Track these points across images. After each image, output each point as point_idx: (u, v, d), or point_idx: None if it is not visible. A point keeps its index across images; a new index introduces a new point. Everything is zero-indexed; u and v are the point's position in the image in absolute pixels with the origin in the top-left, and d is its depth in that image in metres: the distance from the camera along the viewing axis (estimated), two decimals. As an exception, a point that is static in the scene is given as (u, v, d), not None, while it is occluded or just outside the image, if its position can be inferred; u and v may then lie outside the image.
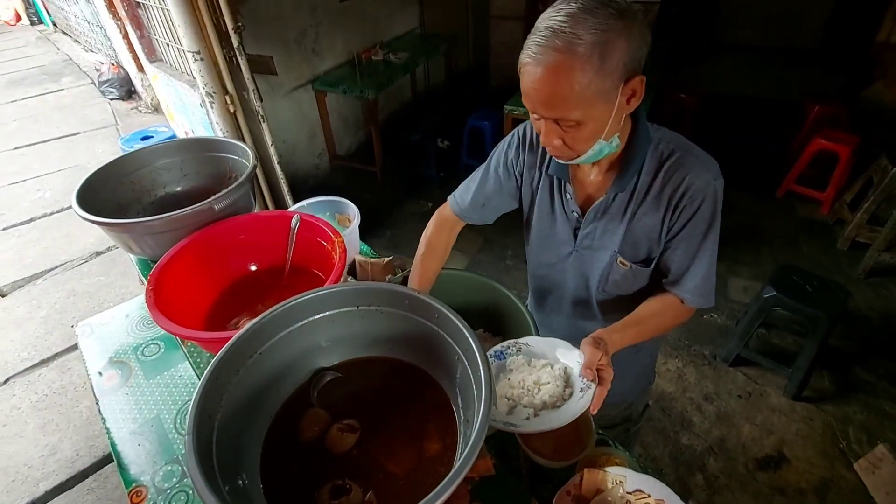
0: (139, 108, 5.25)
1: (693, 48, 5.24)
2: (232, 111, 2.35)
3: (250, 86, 2.31)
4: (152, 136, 2.61)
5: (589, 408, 0.78)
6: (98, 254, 3.26)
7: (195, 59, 2.15)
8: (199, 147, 1.29)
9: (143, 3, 2.52)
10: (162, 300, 0.90)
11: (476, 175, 1.11)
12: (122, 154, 1.19)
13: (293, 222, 1.00)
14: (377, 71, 3.88)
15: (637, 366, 1.24)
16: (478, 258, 3.30)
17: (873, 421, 2.17)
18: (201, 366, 1.10)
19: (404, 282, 1.04)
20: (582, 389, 0.80)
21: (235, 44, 2.16)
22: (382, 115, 4.53)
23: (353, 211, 1.41)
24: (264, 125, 2.46)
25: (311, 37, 3.62)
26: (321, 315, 0.78)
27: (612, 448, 0.98)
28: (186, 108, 2.55)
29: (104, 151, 4.48)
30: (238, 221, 1.05)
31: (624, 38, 0.71)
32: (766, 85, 5.06)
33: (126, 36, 3.49)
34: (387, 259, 1.30)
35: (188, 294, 0.99)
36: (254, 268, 1.11)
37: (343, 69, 3.91)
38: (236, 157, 1.27)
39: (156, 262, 0.99)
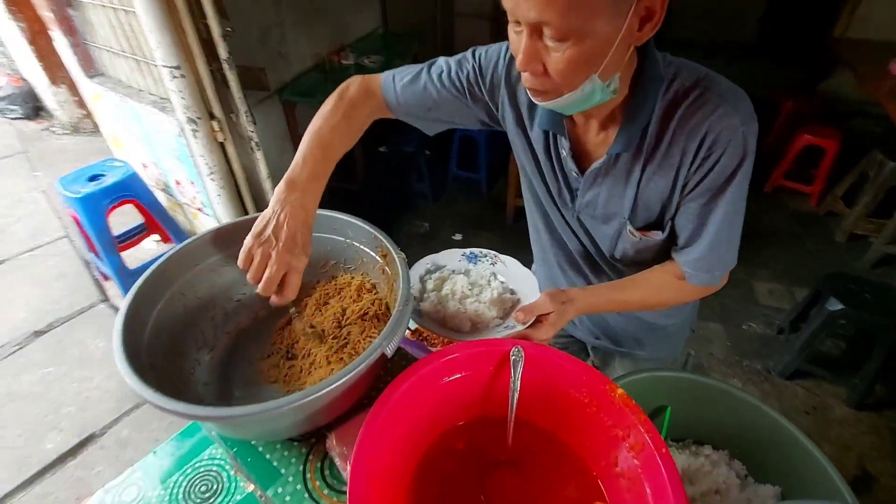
0: (52, 129, 4.28)
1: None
2: (221, 140, 1.85)
3: (241, 107, 1.83)
4: (104, 175, 2.01)
5: None
6: (38, 334, 2.47)
7: (173, 77, 1.63)
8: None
9: (79, 1, 1.91)
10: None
11: (430, 65, 0.89)
12: (159, 261, 0.74)
13: (514, 356, 0.64)
14: (350, 76, 3.42)
15: (671, 334, 1.13)
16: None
17: (929, 419, 2.18)
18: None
19: None
20: (507, 327, 0.79)
21: (224, 55, 1.68)
22: (352, 125, 4.07)
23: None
24: (259, 154, 1.98)
25: (276, 37, 3.09)
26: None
27: None
28: (151, 136, 1.99)
29: (17, 188, 3.49)
30: (431, 370, 0.62)
31: None
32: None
33: (34, 40, 2.73)
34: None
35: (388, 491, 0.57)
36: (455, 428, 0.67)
37: (312, 76, 3.40)
38: (332, 236, 0.86)
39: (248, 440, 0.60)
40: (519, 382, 0.64)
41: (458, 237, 3.28)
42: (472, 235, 3.30)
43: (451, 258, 0.95)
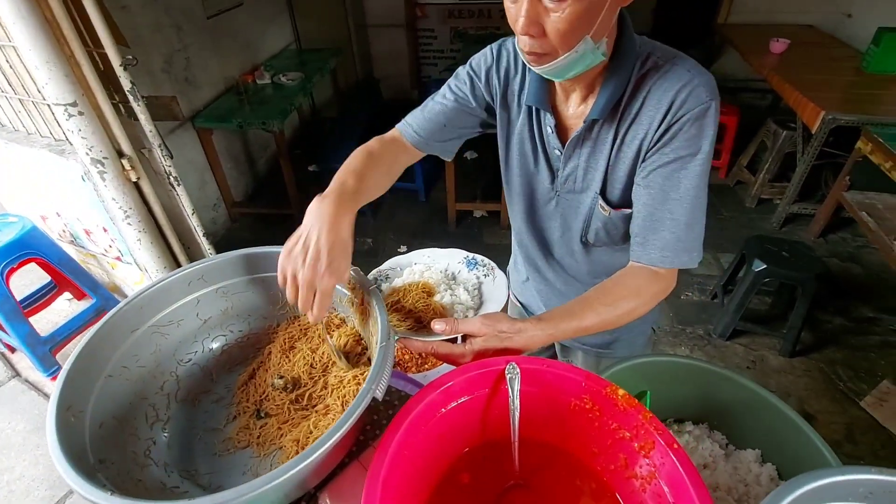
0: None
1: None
2: (134, 178, 1.67)
3: (154, 140, 1.67)
4: (-6, 233, 1.74)
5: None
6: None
7: (69, 115, 1.45)
8: (221, 272, 0.77)
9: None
10: None
11: (433, 96, 0.94)
12: (88, 337, 0.63)
13: (509, 374, 0.61)
14: (269, 96, 3.28)
15: (631, 329, 1.11)
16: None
17: (848, 355, 2.43)
18: None
19: None
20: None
21: (127, 86, 1.52)
22: (273, 149, 3.90)
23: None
24: (180, 189, 1.82)
25: (181, 63, 2.89)
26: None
27: None
28: (50, 184, 1.76)
29: None
30: (428, 404, 0.57)
31: None
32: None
33: None
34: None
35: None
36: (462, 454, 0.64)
37: (226, 99, 3.21)
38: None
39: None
40: (518, 400, 0.61)
41: (403, 249, 3.23)
42: (418, 245, 3.24)
43: (451, 257, 0.96)
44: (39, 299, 2.20)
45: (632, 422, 0.58)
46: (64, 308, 2.42)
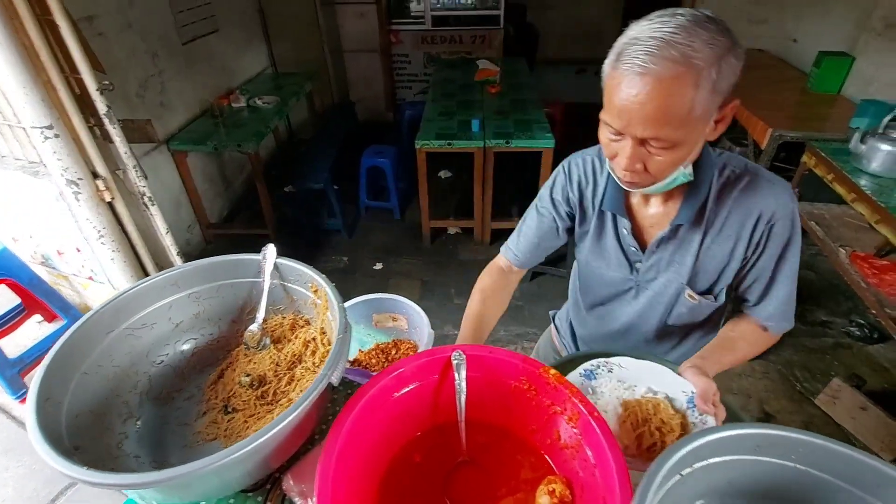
0: None
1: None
2: (108, 199, 1.71)
3: (129, 162, 1.72)
4: (-36, 255, 1.75)
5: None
6: None
7: (45, 137, 1.50)
8: (193, 278, 0.82)
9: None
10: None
11: (524, 218, 1.09)
12: (66, 335, 0.68)
13: (456, 360, 0.68)
14: (244, 119, 3.35)
15: None
16: (422, 304, 3.03)
17: (804, 357, 2.56)
18: None
19: None
20: (695, 424, 0.75)
21: (103, 109, 1.58)
22: (248, 170, 3.94)
23: (407, 308, 1.10)
24: (154, 209, 1.86)
25: (157, 87, 2.94)
26: None
27: None
28: (22, 205, 1.78)
29: None
30: (381, 388, 0.64)
31: (733, 56, 0.67)
32: (590, 91, 5.78)
33: None
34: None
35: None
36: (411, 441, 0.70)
37: (202, 122, 3.27)
38: (255, 280, 0.85)
39: None
40: (465, 384, 0.68)
41: (378, 266, 3.29)
42: (393, 262, 3.32)
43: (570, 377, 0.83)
44: (8, 322, 2.17)
45: (561, 397, 0.65)
46: (33, 331, 2.39)
